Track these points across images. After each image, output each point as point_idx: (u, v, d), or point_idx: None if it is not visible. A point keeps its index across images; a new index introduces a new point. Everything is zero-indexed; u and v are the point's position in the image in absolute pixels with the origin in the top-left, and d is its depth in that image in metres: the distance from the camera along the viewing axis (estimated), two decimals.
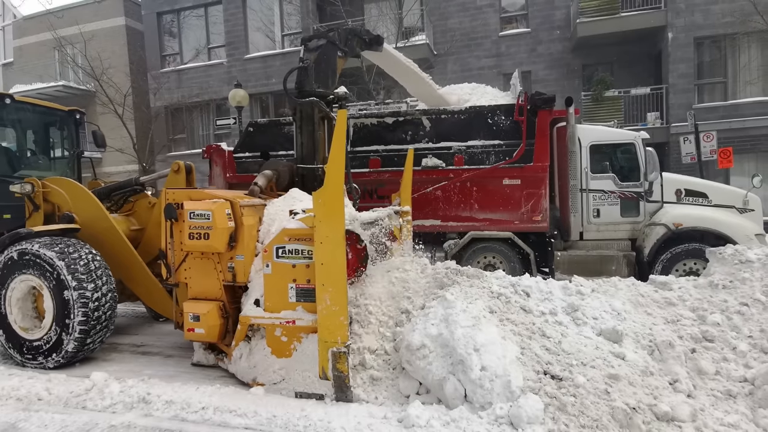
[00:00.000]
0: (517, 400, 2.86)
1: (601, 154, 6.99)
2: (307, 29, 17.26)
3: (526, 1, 16.04)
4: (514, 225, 6.79)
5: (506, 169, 6.71)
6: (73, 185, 5.24)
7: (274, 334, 3.76)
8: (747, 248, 4.47)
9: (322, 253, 3.34)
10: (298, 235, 3.68)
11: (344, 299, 3.31)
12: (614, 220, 6.88)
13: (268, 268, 3.78)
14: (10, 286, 4.60)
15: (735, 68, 13.87)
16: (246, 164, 7.90)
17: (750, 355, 3.42)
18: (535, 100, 6.61)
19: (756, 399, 3.06)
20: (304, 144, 5.44)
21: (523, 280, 4.25)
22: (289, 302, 3.72)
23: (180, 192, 4.39)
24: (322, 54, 5.57)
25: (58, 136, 6.59)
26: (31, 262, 4.48)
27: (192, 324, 4.19)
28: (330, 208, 3.32)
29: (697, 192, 6.84)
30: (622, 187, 6.86)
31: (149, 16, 19.61)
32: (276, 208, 4.47)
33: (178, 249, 4.29)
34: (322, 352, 3.38)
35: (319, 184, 5.26)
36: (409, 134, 7.24)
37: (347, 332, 3.34)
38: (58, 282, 4.40)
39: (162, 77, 18.83)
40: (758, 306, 3.78)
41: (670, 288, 4.36)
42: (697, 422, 2.87)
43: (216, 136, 19.12)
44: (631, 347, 3.57)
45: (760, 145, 13.16)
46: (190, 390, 3.69)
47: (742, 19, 12.60)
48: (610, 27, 14.11)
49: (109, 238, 5.04)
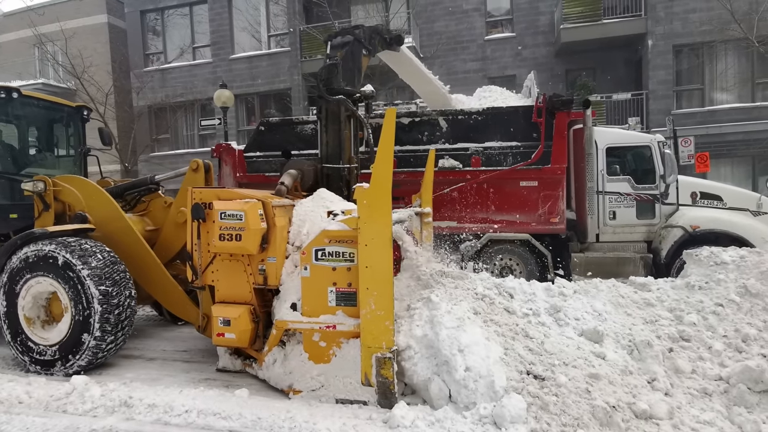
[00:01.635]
0: (501, 400, 2.91)
1: (617, 157, 7.00)
2: (294, 30, 17.23)
3: (511, 6, 16.26)
4: (531, 227, 6.77)
5: (524, 171, 6.67)
6: (87, 183, 5.05)
7: (312, 339, 3.65)
8: (722, 250, 4.60)
9: (367, 255, 3.24)
10: (340, 237, 3.56)
11: (390, 303, 3.22)
12: (630, 222, 6.89)
13: (306, 271, 3.64)
14: (24, 289, 4.40)
15: (712, 75, 14.26)
16: (257, 164, 7.77)
17: (725, 354, 3.52)
18: (554, 102, 6.61)
19: (731, 397, 3.16)
20: (330, 143, 5.30)
21: (506, 281, 4.31)
22: (328, 306, 3.59)
23: (208, 191, 4.22)
24: (348, 52, 5.45)
25: (64, 133, 6.34)
26: (47, 264, 4.28)
27: (222, 328, 4.01)
28: (376, 209, 3.21)
29: (712, 195, 6.89)
30: (638, 189, 6.87)
31: (132, 14, 19.33)
32: (305, 208, 4.34)
33: (205, 250, 4.13)
34: (366, 357, 3.28)
35: (344, 184, 5.24)
36: (425, 135, 7.18)
37: (392, 337, 3.25)
38: (78, 284, 4.21)
39: (145, 76, 18.57)
40: (732, 306, 3.89)
41: (649, 289, 4.47)
42: (674, 420, 2.95)
43: (200, 137, 18.94)
44: (612, 347, 3.65)
45: (735, 151, 13.54)
46: (173, 393, 3.65)
47: (719, 27, 12.97)
48: (592, 33, 14.39)
49: (124, 238, 4.84)
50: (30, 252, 4.37)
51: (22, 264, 4.38)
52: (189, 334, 5.82)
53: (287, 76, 17.44)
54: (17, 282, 4.42)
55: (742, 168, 13.77)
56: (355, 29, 5.66)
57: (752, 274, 4.15)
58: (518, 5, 16.09)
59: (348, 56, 5.43)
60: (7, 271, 4.46)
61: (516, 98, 8.35)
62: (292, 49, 17.37)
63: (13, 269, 4.42)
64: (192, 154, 18.69)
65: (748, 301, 3.91)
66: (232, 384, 4.02)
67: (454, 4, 16.38)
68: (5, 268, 4.47)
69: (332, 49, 5.55)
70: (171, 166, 17.76)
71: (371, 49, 5.73)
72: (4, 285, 4.47)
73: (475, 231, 6.98)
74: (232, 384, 4.02)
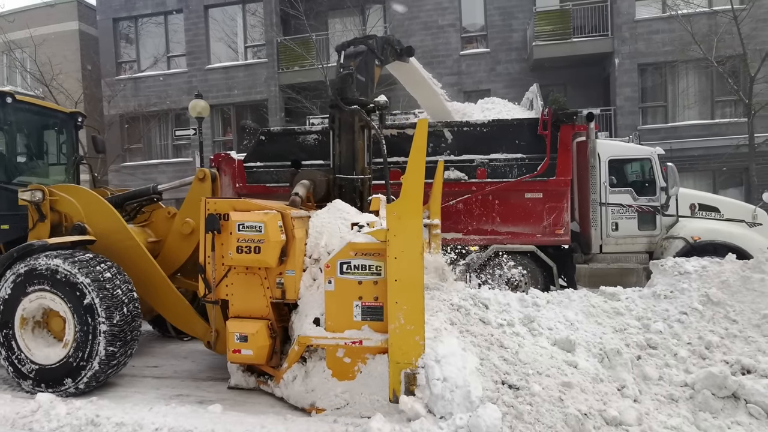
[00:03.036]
0: (477, 410, 2.94)
1: (619, 169, 7.17)
2: (271, 42, 17.24)
3: (485, 22, 16.71)
4: (536, 238, 6.83)
5: (529, 183, 6.74)
6: (86, 193, 4.80)
7: (336, 355, 3.52)
8: (685, 260, 4.80)
9: (396, 268, 3.18)
10: (367, 249, 3.45)
11: (421, 318, 3.16)
12: (632, 233, 7.02)
13: (330, 285, 3.51)
14: (21, 305, 4.11)
15: (675, 93, 14.95)
16: (257, 174, 7.62)
17: (689, 361, 3.66)
18: (558, 115, 6.73)
19: (696, 402, 3.27)
20: (343, 153, 5.23)
21: (481, 292, 4.38)
22: (353, 321, 3.48)
23: (223, 202, 4.07)
24: (362, 62, 5.42)
25: (57, 140, 6.07)
26: (48, 278, 4.02)
27: (238, 345, 3.82)
28: (407, 221, 3.15)
29: (709, 206, 7.09)
30: (639, 201, 7.02)
31: (105, 21, 18.98)
32: (321, 220, 4.23)
33: (220, 263, 3.97)
34: (394, 373, 3.20)
35: (358, 195, 5.21)
36: (430, 146, 7.14)
37: (423, 352, 3.19)
38: (82, 300, 3.97)
39: (117, 84, 18.20)
40: (696, 314, 4.06)
41: (618, 299, 4.62)
42: (643, 426, 3.04)
43: (175, 147, 18.61)
44: (583, 356, 3.75)
45: (696, 165, 14.17)
46: (143, 411, 3.55)
47: (680, 48, 13.63)
48: (563, 51, 14.91)
49: (127, 251, 4.61)
50: (29, 265, 4.10)
51: (19, 278, 4.11)
52: (160, 349, 5.67)
53: (264, 87, 17.39)
54: (14, 297, 4.12)
55: (703, 182, 14.39)
56: (368, 39, 5.63)
57: (713, 283, 4.35)
58: (492, 22, 16.54)
59: (361, 66, 5.39)
60: (2, 285, 4.18)
61: (519, 110, 8.39)
62: (270, 60, 17.35)
63: (9, 284, 4.14)
64: (166, 165, 18.36)
65: (710, 309, 4.09)
66: (206, 399, 3.93)
67: (430, 19, 16.72)
68: (1, 283, 4.19)
69: (346, 59, 5.51)
70: (143, 176, 17.38)
71: (383, 60, 5.72)
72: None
73: (481, 242, 7.00)
74: (205, 400, 3.94)
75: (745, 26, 12.48)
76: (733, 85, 12.93)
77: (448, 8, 16.74)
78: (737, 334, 3.85)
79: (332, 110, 5.31)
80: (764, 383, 3.20)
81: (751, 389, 3.18)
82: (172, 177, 16.86)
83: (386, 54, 5.82)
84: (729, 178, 14.44)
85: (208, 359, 5.13)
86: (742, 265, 4.44)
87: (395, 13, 16.59)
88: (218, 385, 4.31)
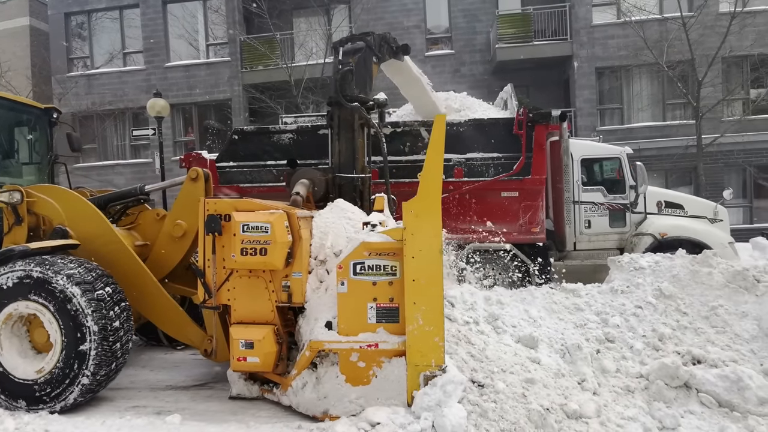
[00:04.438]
0: (443, 409, 2.95)
1: (590, 168, 7.37)
2: (234, 40, 16.86)
3: (450, 24, 16.92)
4: (513, 236, 6.86)
5: (505, 182, 6.78)
6: (66, 194, 4.48)
7: (350, 359, 3.39)
8: (640, 256, 4.99)
9: (414, 268, 3.12)
10: (381, 249, 3.34)
11: (440, 318, 3.11)
12: (603, 230, 7.20)
13: (343, 287, 3.39)
14: (1, 316, 3.78)
15: (630, 96, 15.61)
16: (230, 174, 7.33)
17: (644, 353, 3.81)
18: (533, 115, 6.79)
19: (651, 393, 3.40)
20: (342, 152, 5.10)
21: (447, 291, 4.41)
22: (367, 324, 3.36)
23: (223, 202, 3.88)
24: (361, 58, 5.30)
25: (30, 137, 5.65)
26: (32, 286, 3.70)
27: (243, 352, 3.63)
28: (426, 219, 3.10)
29: (674, 204, 7.38)
30: (610, 198, 7.22)
31: (56, 16, 18.06)
32: (325, 220, 4.09)
33: (221, 266, 3.78)
34: (412, 376, 3.13)
35: (358, 195, 5.08)
36: (407, 145, 7.13)
37: (443, 354, 3.12)
38: (69, 309, 3.67)
39: (68, 82, 17.34)
40: (650, 308, 4.23)
41: (579, 295, 4.75)
42: (602, 417, 3.14)
43: (132, 147, 17.92)
44: (546, 351, 3.84)
45: (651, 165, 14.72)
46: (95, 425, 3.38)
47: (634, 53, 14.24)
48: (525, 53, 15.30)
49: (115, 255, 4.31)
50: (9, 273, 3.75)
51: (1, 287, 3.76)
52: None
53: (227, 87, 16.99)
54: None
55: (657, 182, 15.06)
56: (366, 36, 5.53)
57: (665, 277, 4.54)
58: (456, 24, 16.78)
59: (360, 63, 5.29)
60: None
61: (495, 110, 8.44)
62: (233, 59, 16.97)
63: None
64: (123, 166, 17.64)
65: (663, 302, 4.26)
66: (164, 410, 3.78)
67: (395, 20, 16.78)
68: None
69: (344, 55, 5.39)
70: (99, 178, 16.61)
71: (381, 57, 5.62)
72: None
73: (458, 241, 6.97)
74: (164, 410, 3.78)
75: (693, 33, 13.17)
76: (682, 89, 13.63)
77: (413, 10, 16.87)
78: (687, 325, 4.03)
79: (331, 108, 5.21)
80: (714, 373, 3.36)
81: (701, 379, 3.33)
82: (130, 178, 16.23)
83: (383, 51, 5.78)
84: (680, 177, 15.20)
85: (167, 368, 4.94)
86: (692, 260, 4.66)
87: (360, 13, 16.55)
88: (177, 395, 4.16)
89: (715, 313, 4.08)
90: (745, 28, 13.51)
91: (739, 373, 3.27)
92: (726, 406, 3.22)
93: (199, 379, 4.56)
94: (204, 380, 4.55)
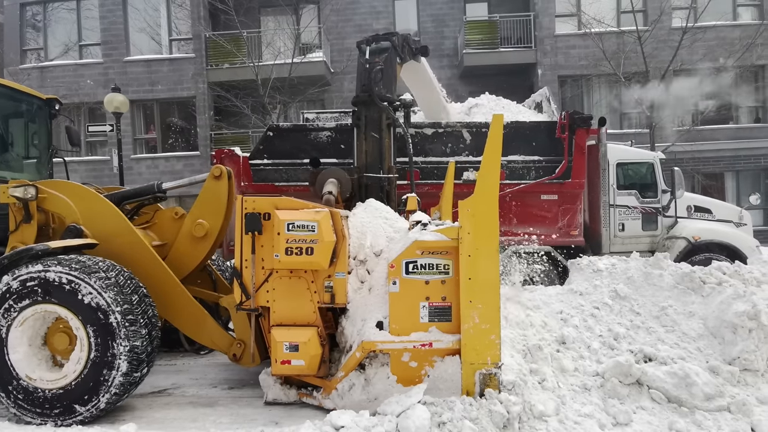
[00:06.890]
0: (407, 411, 2.97)
1: (625, 172, 7.53)
2: (198, 36, 16.44)
3: (418, 28, 17.10)
4: (552, 239, 6.93)
5: (546, 185, 6.84)
6: (81, 190, 4.21)
7: (401, 359, 3.36)
8: (598, 259, 5.19)
9: (470, 267, 3.13)
10: (435, 248, 3.32)
11: (497, 316, 3.13)
12: (636, 233, 7.38)
13: (395, 286, 3.34)
14: (17, 320, 3.49)
15: (590, 104, 16.24)
16: (264, 172, 7.09)
17: (601, 352, 3.95)
18: (575, 119, 6.85)
19: (606, 390, 3.54)
20: (369, 152, 5.06)
21: None
22: (420, 323, 3.33)
23: (262, 200, 3.74)
24: (388, 59, 5.27)
25: (30, 129, 5.34)
26: (54, 289, 3.46)
27: (288, 355, 3.53)
28: (483, 218, 3.12)
29: (703, 208, 7.66)
30: (643, 202, 7.41)
31: (12, 7, 17.12)
32: (360, 219, 4.05)
33: (260, 267, 3.67)
34: (468, 375, 3.13)
35: (384, 195, 5.02)
36: (449, 146, 7.10)
37: (499, 352, 3.13)
38: (98, 314, 3.43)
39: (21, 74, 16.44)
40: (606, 309, 4.40)
41: (541, 296, 4.89)
42: (560, 415, 3.24)
43: (89, 144, 17.16)
44: (509, 353, 3.92)
45: None
46: None
47: (593, 63, 14.84)
48: (491, 60, 15.67)
49: (134, 256, 4.07)
50: (26, 275, 3.50)
51: (20, 290, 3.50)
52: None
53: (191, 84, 16.54)
54: (7, 313, 3.51)
55: None
56: (391, 36, 5.53)
57: (621, 279, 4.74)
58: (425, 29, 16.98)
59: (387, 63, 5.28)
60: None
61: (531, 113, 8.49)
62: (197, 55, 16.54)
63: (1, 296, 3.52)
64: (77, 163, 16.83)
65: (618, 303, 4.45)
66: (119, 419, 3.63)
67: (364, 23, 16.82)
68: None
69: (371, 55, 5.35)
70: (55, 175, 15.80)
71: (403, 58, 5.64)
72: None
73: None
74: (118, 419, 3.63)
75: (648, 46, 13.85)
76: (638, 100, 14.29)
77: (383, 12, 16.96)
78: (640, 325, 4.22)
79: (358, 107, 5.17)
80: (663, 370, 3.52)
81: (652, 376, 3.49)
82: (84, 176, 15.50)
83: (405, 52, 5.75)
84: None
85: None
86: (645, 262, 4.88)
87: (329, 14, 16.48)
88: (135, 401, 4.00)
89: (665, 313, 4.29)
90: (695, 43, 14.33)
91: (686, 370, 3.44)
92: (675, 401, 3.38)
93: (157, 386, 4.41)
94: (162, 387, 4.40)
